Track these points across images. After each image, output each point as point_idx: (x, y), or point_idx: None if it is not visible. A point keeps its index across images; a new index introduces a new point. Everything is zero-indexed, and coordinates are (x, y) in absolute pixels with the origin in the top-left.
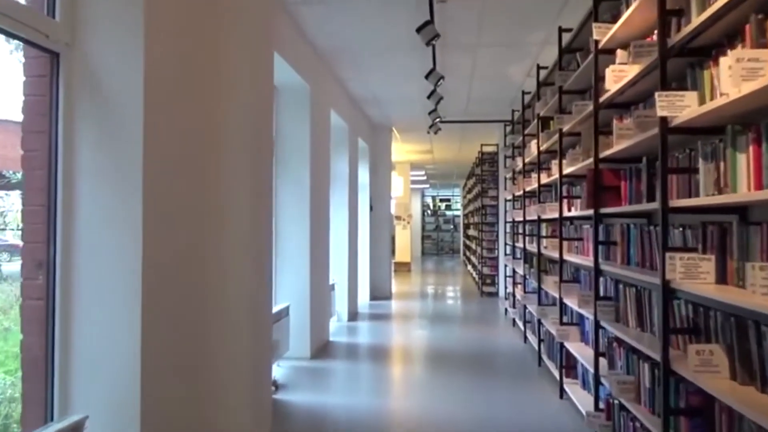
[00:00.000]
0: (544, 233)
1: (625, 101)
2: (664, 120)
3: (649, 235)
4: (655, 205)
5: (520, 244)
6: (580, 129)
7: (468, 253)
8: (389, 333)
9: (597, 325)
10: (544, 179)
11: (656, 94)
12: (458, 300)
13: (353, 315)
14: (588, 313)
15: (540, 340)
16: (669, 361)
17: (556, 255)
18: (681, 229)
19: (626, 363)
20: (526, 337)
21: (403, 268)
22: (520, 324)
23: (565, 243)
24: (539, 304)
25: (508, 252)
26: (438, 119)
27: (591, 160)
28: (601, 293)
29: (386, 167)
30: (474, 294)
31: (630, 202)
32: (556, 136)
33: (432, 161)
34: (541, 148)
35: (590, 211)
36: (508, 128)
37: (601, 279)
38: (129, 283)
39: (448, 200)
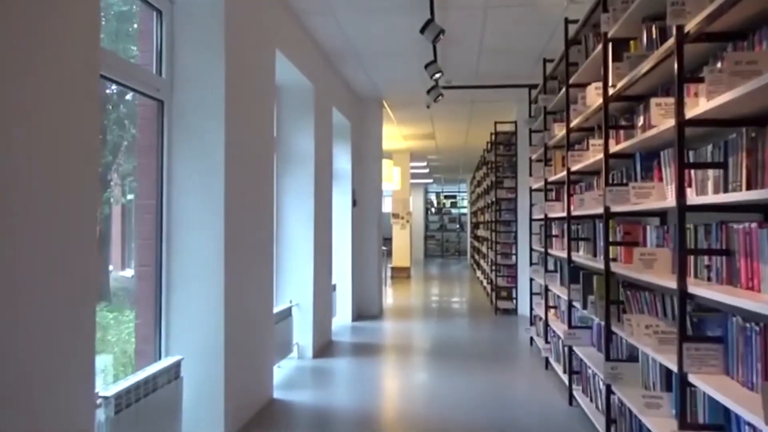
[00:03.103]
0: (613, 238)
1: None
2: None
3: None
4: None
5: (557, 252)
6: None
7: (477, 257)
8: (368, 382)
9: None
10: (615, 146)
11: None
12: (467, 319)
13: (323, 347)
14: None
15: (610, 420)
16: None
17: (647, 278)
18: None
19: None
20: (572, 397)
21: (401, 273)
22: (559, 370)
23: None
24: (608, 357)
25: (534, 260)
26: (439, 74)
27: None
28: None
29: (375, 152)
30: (486, 311)
31: None
32: (666, 48)
33: (435, 149)
34: (613, 91)
35: None
36: (535, 93)
37: None
38: None
39: (454, 197)
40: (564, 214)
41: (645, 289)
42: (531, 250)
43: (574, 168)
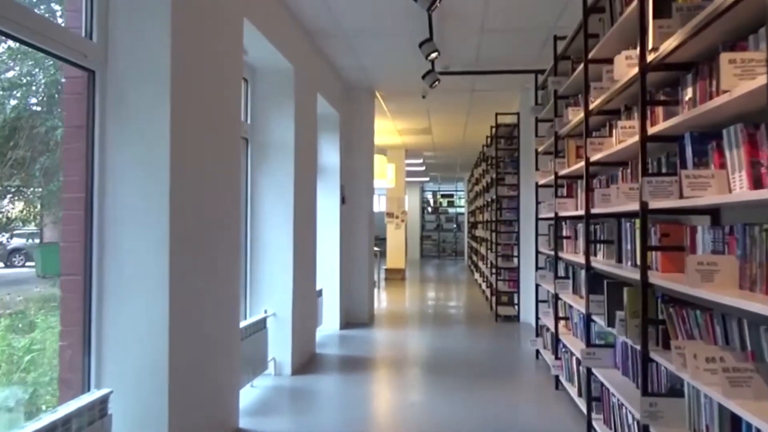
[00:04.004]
0: (651, 242)
1: None
2: None
3: None
4: None
5: (569, 256)
6: None
7: (474, 258)
8: (353, 404)
9: None
10: (652, 128)
11: None
12: (465, 327)
13: (305, 363)
14: None
15: None
16: None
17: (706, 295)
18: None
19: None
20: (591, 427)
21: (396, 275)
22: (572, 392)
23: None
24: (645, 391)
25: (541, 264)
26: (435, 53)
27: None
28: None
29: (367, 146)
30: (485, 317)
31: None
32: None
33: (431, 146)
34: (654, 56)
35: None
36: (543, 78)
37: None
38: None
39: (451, 196)
40: (581, 213)
41: (695, 307)
42: (537, 252)
43: (594, 158)
